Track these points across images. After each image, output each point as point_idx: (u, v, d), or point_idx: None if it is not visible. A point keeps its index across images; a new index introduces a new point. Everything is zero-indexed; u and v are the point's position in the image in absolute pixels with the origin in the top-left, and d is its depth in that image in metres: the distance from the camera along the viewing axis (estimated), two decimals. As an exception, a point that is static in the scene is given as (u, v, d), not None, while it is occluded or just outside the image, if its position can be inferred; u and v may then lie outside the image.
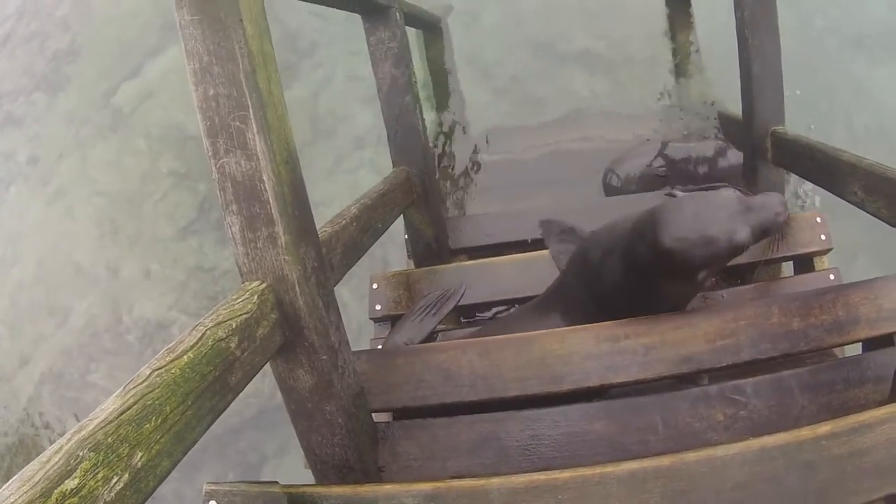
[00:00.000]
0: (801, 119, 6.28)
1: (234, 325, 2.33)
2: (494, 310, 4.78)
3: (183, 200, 7.25)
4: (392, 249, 5.94)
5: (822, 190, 4.26)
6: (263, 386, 3.28)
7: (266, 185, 2.48)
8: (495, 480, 2.54)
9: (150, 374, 1.98)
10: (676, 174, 6.01)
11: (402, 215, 4.77)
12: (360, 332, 4.99)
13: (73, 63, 8.42)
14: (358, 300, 4.83)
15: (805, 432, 2.59)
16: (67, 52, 8.47)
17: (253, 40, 2.44)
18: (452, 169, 6.57)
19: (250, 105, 2.41)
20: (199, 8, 2.35)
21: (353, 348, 3.34)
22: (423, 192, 4.84)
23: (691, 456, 2.58)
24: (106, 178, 7.70)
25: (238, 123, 2.43)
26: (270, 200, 2.50)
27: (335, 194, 6.67)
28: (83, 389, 6.75)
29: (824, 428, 2.60)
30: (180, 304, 6.84)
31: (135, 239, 7.32)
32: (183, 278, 6.97)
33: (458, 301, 4.38)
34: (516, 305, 4.56)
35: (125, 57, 8.15)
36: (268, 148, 2.48)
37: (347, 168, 7.16)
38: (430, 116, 7.07)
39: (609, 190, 6.20)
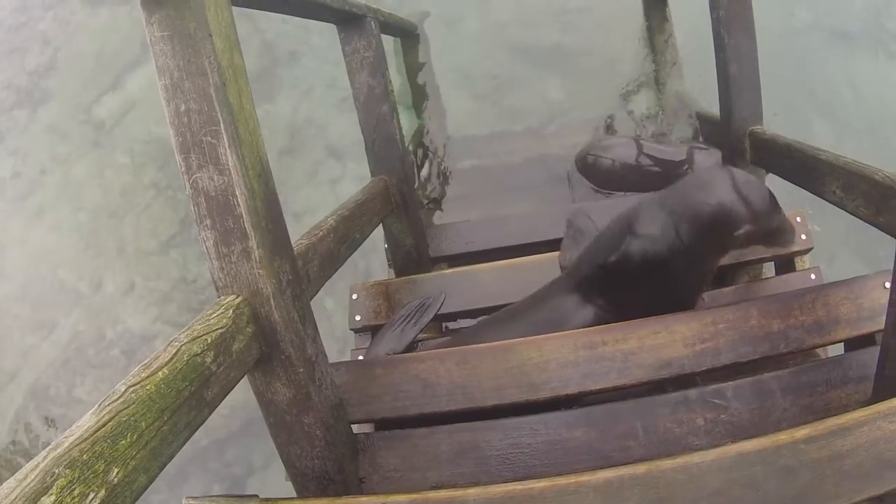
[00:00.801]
0: (783, 117, 6.32)
1: (209, 340, 2.32)
2: (478, 319, 4.75)
3: (165, 213, 7.25)
4: (374, 259, 5.94)
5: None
6: (249, 398, 3.27)
7: (239, 200, 2.48)
8: (472, 491, 2.53)
9: (126, 390, 1.96)
10: (650, 170, 6.01)
11: (381, 225, 4.77)
12: (346, 342, 4.99)
13: (53, 77, 8.40)
14: (342, 310, 4.81)
15: (783, 436, 2.59)
16: (48, 67, 8.45)
17: (223, 54, 2.43)
18: (432, 177, 6.56)
19: (221, 120, 2.40)
20: (168, 24, 2.35)
21: (340, 358, 3.34)
22: (401, 201, 4.83)
23: (668, 463, 2.57)
24: (88, 192, 7.69)
25: (210, 138, 2.42)
26: (244, 215, 2.50)
27: (317, 204, 6.67)
28: (70, 405, 6.74)
29: (802, 432, 2.59)
30: (164, 316, 6.83)
31: (118, 252, 7.30)
32: (166, 290, 6.96)
33: (438, 310, 4.38)
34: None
35: (105, 70, 8.15)
36: (240, 162, 2.47)
37: (329, 177, 7.16)
38: (408, 124, 7.06)
39: (584, 171, 6.23)
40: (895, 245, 2.98)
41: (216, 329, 2.38)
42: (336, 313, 5.76)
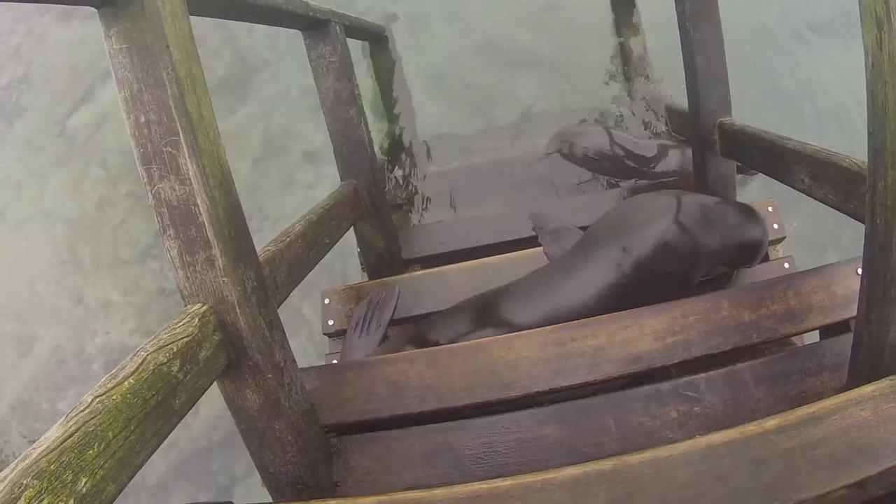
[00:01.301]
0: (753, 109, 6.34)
1: (175, 349, 2.34)
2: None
3: (140, 225, 7.24)
4: (351, 262, 5.93)
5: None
6: (231, 407, 3.32)
7: (201, 209, 2.49)
8: (438, 492, 2.55)
9: (92, 401, 1.99)
10: (621, 162, 6.06)
11: (353, 228, 4.78)
12: (325, 347, 4.99)
13: (27, 91, 8.39)
14: (319, 314, 4.83)
15: (752, 427, 2.59)
16: (21, 80, 8.43)
17: (180, 65, 2.45)
18: (404, 178, 6.57)
19: (180, 130, 2.42)
20: (126, 37, 2.37)
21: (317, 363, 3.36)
22: (371, 205, 4.83)
23: (635, 458, 2.58)
24: (64, 205, 7.68)
25: (170, 149, 2.44)
26: (206, 224, 2.51)
27: (294, 209, 6.65)
28: (53, 419, 6.67)
29: (772, 422, 2.60)
30: (144, 327, 6.82)
31: (95, 265, 7.29)
32: (145, 302, 6.95)
33: (395, 303, 4.39)
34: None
35: (78, 83, 8.14)
36: (200, 172, 2.48)
37: (304, 182, 7.15)
38: (379, 127, 7.12)
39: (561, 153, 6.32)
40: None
41: (182, 338, 2.40)
42: (315, 318, 5.76)
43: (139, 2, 2.35)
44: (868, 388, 2.67)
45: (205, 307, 2.60)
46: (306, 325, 6.14)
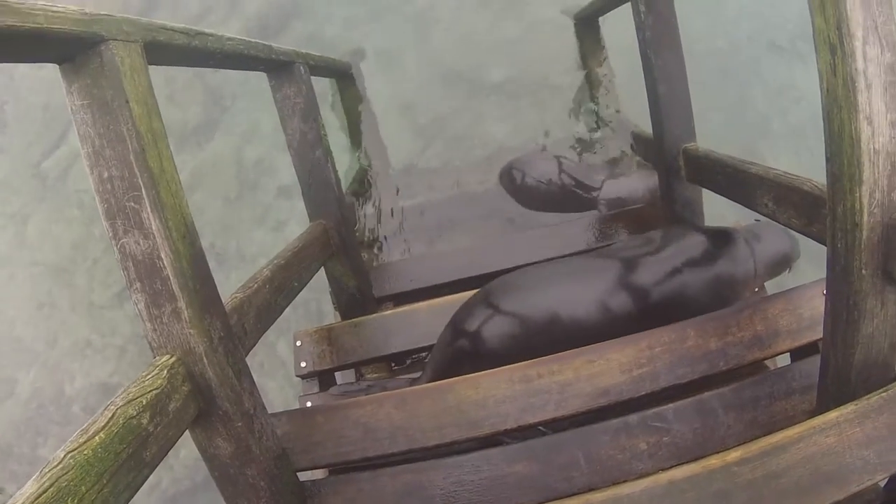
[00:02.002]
0: (725, 129, 6.38)
1: (144, 402, 2.34)
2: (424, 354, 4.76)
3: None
4: (327, 299, 5.93)
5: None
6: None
7: (165, 262, 2.52)
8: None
9: (65, 456, 2.00)
10: (571, 190, 6.11)
11: (324, 268, 4.80)
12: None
13: (1, 132, 8.39)
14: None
15: (714, 461, 2.61)
16: (-5, 123, 8.46)
17: (141, 120, 2.47)
18: (374, 215, 6.56)
19: (142, 185, 2.44)
20: (86, 92, 2.40)
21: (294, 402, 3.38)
22: (341, 244, 4.84)
23: (598, 496, 2.60)
24: (41, 247, 7.70)
25: (133, 204, 2.46)
26: (170, 277, 2.54)
27: (270, 246, 6.69)
28: (34, 463, 6.72)
29: (734, 454, 2.62)
30: (121, 370, 6.83)
31: (72, 308, 7.30)
32: (122, 343, 6.96)
33: None
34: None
35: (52, 123, 8.16)
36: (163, 225, 2.51)
37: (278, 219, 7.17)
38: (348, 163, 7.13)
39: (508, 188, 6.40)
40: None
41: (151, 390, 2.41)
42: (291, 357, 5.79)
43: (98, 58, 2.37)
44: (832, 415, 2.69)
45: (173, 358, 2.61)
46: (282, 366, 6.16)
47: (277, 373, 6.24)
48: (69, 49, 2.35)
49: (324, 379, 4.44)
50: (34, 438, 6.84)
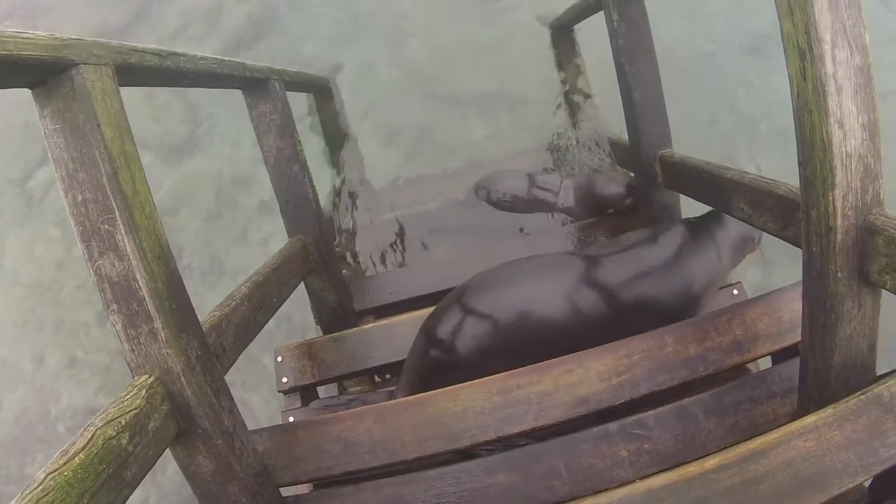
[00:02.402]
0: (705, 134, 6.40)
1: (123, 422, 2.36)
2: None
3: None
4: (309, 313, 5.93)
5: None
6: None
7: (140, 284, 2.53)
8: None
9: (45, 477, 2.02)
10: (540, 199, 6.13)
11: (304, 283, 4.81)
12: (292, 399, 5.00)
13: (-17, 152, 8.40)
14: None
15: (692, 468, 2.61)
16: (-23, 144, 8.44)
17: (113, 143, 2.48)
18: (353, 228, 6.56)
19: (116, 207, 2.45)
20: (59, 117, 2.41)
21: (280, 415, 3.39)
22: (320, 259, 4.84)
23: (575, 506, 2.61)
24: (23, 267, 7.67)
25: (107, 226, 2.47)
26: (146, 298, 2.54)
27: (251, 262, 6.66)
28: (22, 482, 6.69)
29: (712, 461, 2.62)
30: (107, 388, 6.81)
31: (56, 327, 7.28)
32: (107, 362, 6.94)
33: None
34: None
35: (32, 142, 8.15)
36: (138, 247, 2.51)
37: (258, 235, 7.16)
38: (327, 177, 7.11)
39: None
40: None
41: (130, 410, 2.42)
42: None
43: (69, 82, 2.39)
44: (811, 419, 2.69)
45: (151, 378, 2.62)
46: (267, 380, 6.15)
47: (262, 387, 6.24)
48: (40, 74, 2.36)
49: (306, 394, 4.45)
50: (21, 458, 6.82)
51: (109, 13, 8.51)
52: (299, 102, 7.11)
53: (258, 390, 6.25)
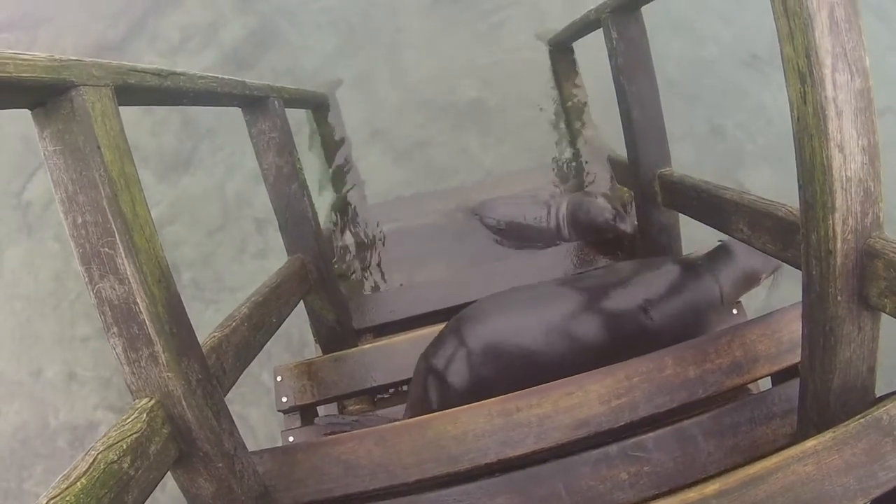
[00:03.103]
0: (708, 147, 6.40)
1: (125, 446, 2.35)
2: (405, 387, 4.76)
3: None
4: (307, 329, 5.90)
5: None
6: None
7: (141, 307, 2.52)
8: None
9: (47, 503, 2.00)
10: (534, 223, 6.13)
11: (303, 302, 4.80)
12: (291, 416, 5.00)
13: (-20, 165, 8.38)
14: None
15: (692, 494, 2.60)
16: (-26, 155, 8.43)
17: (113, 165, 2.47)
18: (352, 246, 6.54)
19: (116, 230, 2.44)
20: (58, 138, 2.40)
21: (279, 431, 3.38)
22: (319, 278, 4.84)
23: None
24: (22, 280, 7.66)
25: (107, 249, 2.46)
26: (147, 321, 2.53)
27: (251, 278, 6.67)
28: (20, 497, 6.70)
29: (712, 487, 2.61)
30: (105, 402, 6.80)
31: (55, 340, 7.27)
32: (106, 377, 6.93)
33: None
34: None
35: (31, 154, 8.13)
36: (138, 270, 2.51)
37: (258, 250, 7.16)
38: (326, 194, 7.11)
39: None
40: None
41: (131, 434, 2.41)
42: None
43: (69, 104, 2.38)
44: (810, 443, 2.69)
45: (152, 401, 2.61)
46: (266, 395, 6.14)
47: (261, 401, 6.23)
48: (40, 95, 2.35)
49: (306, 413, 4.46)
50: (19, 472, 6.80)
51: (108, 25, 8.51)
52: (298, 117, 7.11)
53: (258, 405, 6.24)
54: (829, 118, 2.48)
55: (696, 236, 4.84)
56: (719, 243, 4.48)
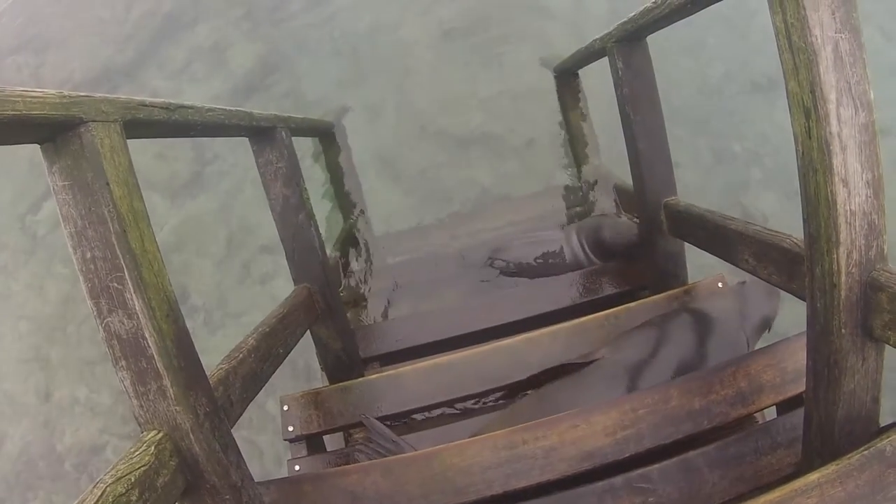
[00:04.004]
0: (714, 173, 6.41)
1: (133, 479, 2.35)
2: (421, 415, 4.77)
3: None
4: (313, 356, 5.92)
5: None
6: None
7: (149, 342, 2.53)
8: None
9: (58, 537, 2.02)
10: (555, 260, 6.14)
11: (309, 331, 4.80)
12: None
13: (-10, 188, 8.42)
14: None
15: (697, 525, 2.62)
16: (-18, 178, 8.46)
17: (122, 201, 2.48)
18: (359, 274, 6.57)
19: (125, 266, 2.46)
20: (68, 174, 2.42)
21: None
22: (326, 308, 4.84)
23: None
24: (29, 303, 7.69)
25: (116, 284, 2.47)
26: (155, 356, 2.55)
27: (255, 303, 6.69)
28: (25, 520, 6.72)
29: (715, 519, 2.63)
30: (111, 427, 6.82)
31: (62, 363, 7.29)
32: (112, 400, 6.95)
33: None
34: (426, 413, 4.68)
35: (38, 177, 8.13)
36: (146, 306, 2.52)
37: (262, 275, 7.17)
38: (334, 222, 7.15)
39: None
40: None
41: (140, 467, 2.42)
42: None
43: (78, 140, 2.40)
44: (813, 476, 2.68)
45: (160, 434, 2.63)
46: (272, 420, 6.15)
47: (268, 427, 6.24)
48: (49, 131, 2.38)
49: (312, 442, 4.46)
50: (24, 493, 6.83)
51: (118, 50, 8.56)
52: (305, 145, 7.13)
53: (264, 430, 6.25)
54: (834, 153, 2.50)
55: (704, 262, 4.84)
56: (742, 283, 4.52)
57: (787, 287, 3.51)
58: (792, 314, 4.15)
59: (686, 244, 4.84)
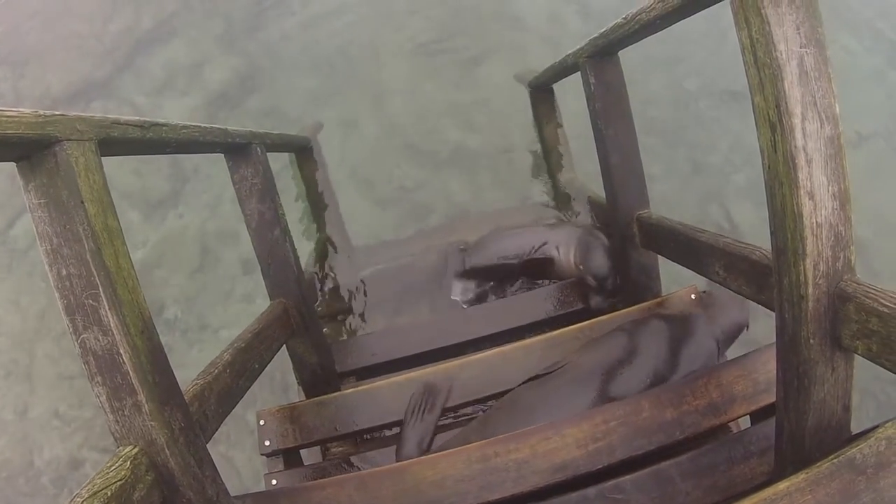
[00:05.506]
0: (691, 183, 6.45)
1: (109, 493, 2.38)
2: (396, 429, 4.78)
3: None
4: (290, 372, 5.92)
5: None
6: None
7: (124, 358, 2.56)
8: None
9: (33, 550, 2.04)
10: (526, 264, 6.13)
11: (285, 346, 4.81)
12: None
13: (-33, 202, 8.38)
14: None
15: (669, 534, 2.64)
16: (-40, 191, 8.43)
17: (96, 219, 2.51)
18: (335, 289, 6.58)
19: (100, 283, 2.49)
20: (43, 192, 2.45)
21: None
22: (302, 323, 4.85)
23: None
24: (7, 317, 7.66)
25: (91, 301, 2.50)
26: (130, 371, 2.57)
27: (234, 317, 6.69)
28: (5, 537, 6.70)
29: (687, 528, 2.65)
30: (90, 442, 6.79)
31: (40, 378, 7.26)
32: (91, 415, 6.92)
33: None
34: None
35: (16, 192, 8.08)
36: (121, 322, 2.55)
37: (242, 291, 7.16)
38: (309, 236, 7.15)
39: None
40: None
41: (115, 481, 2.44)
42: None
43: (53, 158, 2.43)
44: (783, 485, 2.70)
45: (136, 449, 2.65)
46: (250, 436, 6.14)
47: (246, 443, 6.23)
48: (24, 150, 2.40)
49: (288, 457, 4.48)
50: (3, 511, 6.81)
51: (96, 64, 8.54)
52: (281, 159, 7.14)
53: (242, 447, 6.23)
54: (800, 166, 2.53)
55: (677, 270, 4.86)
56: (705, 293, 4.55)
57: (756, 298, 3.55)
58: (767, 326, 4.19)
59: (659, 257, 4.87)
